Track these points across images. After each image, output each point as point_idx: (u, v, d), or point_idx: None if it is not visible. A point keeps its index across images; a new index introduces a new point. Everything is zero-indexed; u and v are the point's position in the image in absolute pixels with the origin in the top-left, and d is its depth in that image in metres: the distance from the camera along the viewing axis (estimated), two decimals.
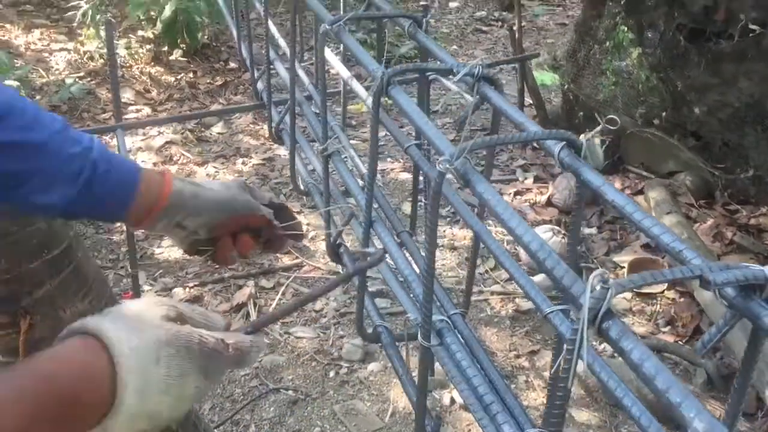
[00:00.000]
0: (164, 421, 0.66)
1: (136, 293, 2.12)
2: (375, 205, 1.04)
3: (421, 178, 1.21)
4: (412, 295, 0.98)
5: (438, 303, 1.01)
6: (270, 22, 1.46)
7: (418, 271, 1.04)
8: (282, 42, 1.57)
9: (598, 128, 0.77)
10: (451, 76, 0.90)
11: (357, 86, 1.01)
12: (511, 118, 0.86)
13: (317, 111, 1.43)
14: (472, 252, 1.07)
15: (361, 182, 1.28)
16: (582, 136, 0.83)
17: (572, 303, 0.60)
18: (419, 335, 0.78)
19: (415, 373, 0.90)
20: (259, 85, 1.83)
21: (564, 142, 0.76)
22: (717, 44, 2.85)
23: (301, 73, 1.44)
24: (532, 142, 0.76)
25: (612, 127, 0.76)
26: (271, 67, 1.62)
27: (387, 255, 1.02)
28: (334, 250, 1.22)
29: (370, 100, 0.93)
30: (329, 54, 1.11)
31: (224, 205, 0.95)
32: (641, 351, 0.51)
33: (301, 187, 1.45)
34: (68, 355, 0.64)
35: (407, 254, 1.05)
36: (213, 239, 0.98)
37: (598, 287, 0.54)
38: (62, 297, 1.52)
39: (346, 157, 1.28)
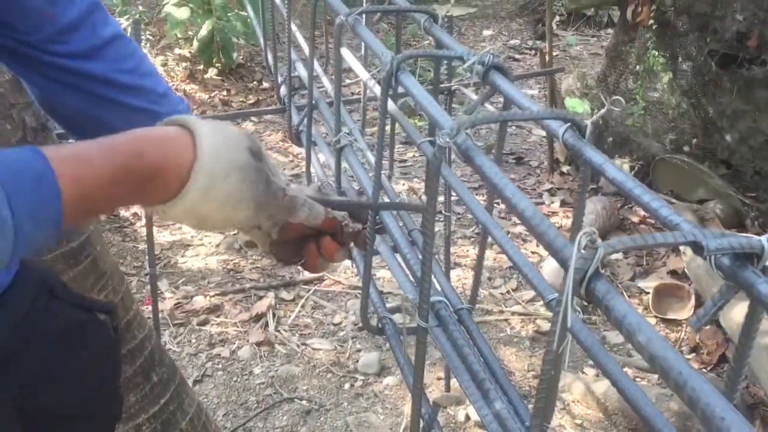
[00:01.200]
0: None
1: (154, 292, 2.13)
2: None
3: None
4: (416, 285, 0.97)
5: (445, 297, 1.00)
6: (292, 24, 1.49)
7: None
8: (303, 42, 1.59)
9: (603, 110, 0.76)
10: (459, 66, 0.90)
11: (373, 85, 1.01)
12: (520, 105, 0.86)
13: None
14: (480, 246, 1.05)
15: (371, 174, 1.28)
16: (588, 122, 0.82)
17: (564, 267, 0.59)
18: (416, 315, 0.77)
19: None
20: (282, 90, 1.85)
21: (569, 123, 0.75)
22: (749, 70, 2.82)
23: (319, 70, 1.45)
24: (538, 121, 0.75)
25: (616, 109, 0.75)
26: (294, 71, 1.64)
27: (394, 247, 1.02)
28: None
29: (378, 89, 0.93)
30: (347, 55, 1.12)
31: (295, 206, 0.87)
32: (625, 307, 0.50)
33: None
34: (162, 137, 0.68)
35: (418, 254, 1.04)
36: (300, 246, 0.92)
37: (584, 249, 0.53)
38: (79, 288, 1.54)
39: (360, 152, 1.28)
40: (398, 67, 0.91)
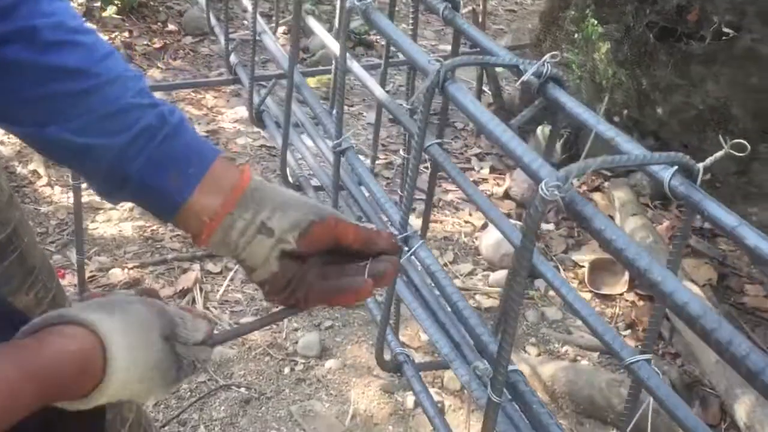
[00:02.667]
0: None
1: (82, 283, 1.91)
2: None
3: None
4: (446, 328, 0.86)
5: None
6: None
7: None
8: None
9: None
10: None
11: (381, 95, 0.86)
12: (594, 128, 0.74)
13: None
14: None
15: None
16: (539, 129, 0.74)
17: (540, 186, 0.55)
18: (489, 389, 0.65)
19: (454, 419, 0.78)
20: (233, 58, 1.64)
21: (676, 167, 0.64)
22: (687, 45, 2.82)
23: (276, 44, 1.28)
24: (641, 168, 0.63)
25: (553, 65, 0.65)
26: (255, 39, 1.45)
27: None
28: None
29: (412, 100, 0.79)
30: (357, 68, 0.96)
31: (311, 205, 0.72)
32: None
33: (290, 180, 1.28)
34: (64, 347, 0.61)
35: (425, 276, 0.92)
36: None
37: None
38: (5, 288, 1.32)
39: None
40: (446, 77, 0.77)
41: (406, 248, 0.87)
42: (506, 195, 3.21)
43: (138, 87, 0.73)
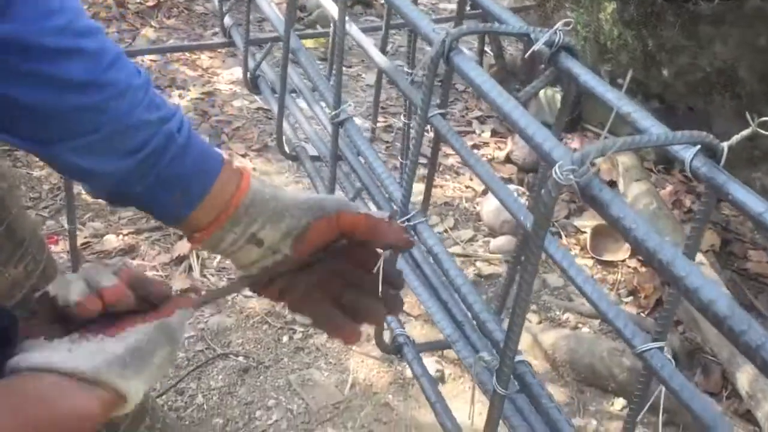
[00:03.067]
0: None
1: (74, 252, 1.87)
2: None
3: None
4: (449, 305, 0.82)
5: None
6: None
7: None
8: None
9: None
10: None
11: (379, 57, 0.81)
12: (610, 102, 0.69)
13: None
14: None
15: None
16: (541, 92, 0.70)
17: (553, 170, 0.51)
18: (494, 380, 0.62)
19: (454, 402, 0.75)
20: (227, 20, 1.58)
21: (698, 147, 0.60)
22: (696, 5, 2.74)
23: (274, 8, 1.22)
24: (663, 148, 0.59)
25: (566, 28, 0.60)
26: None
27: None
28: None
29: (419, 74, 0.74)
30: (355, 31, 0.90)
31: (310, 203, 0.69)
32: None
33: (287, 150, 1.23)
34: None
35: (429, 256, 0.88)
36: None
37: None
38: None
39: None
40: (452, 47, 0.72)
41: (408, 222, 0.83)
42: (507, 159, 3.15)
43: (147, 99, 0.67)
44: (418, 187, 2.24)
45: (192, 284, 2.31)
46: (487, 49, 3.78)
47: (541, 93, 3.40)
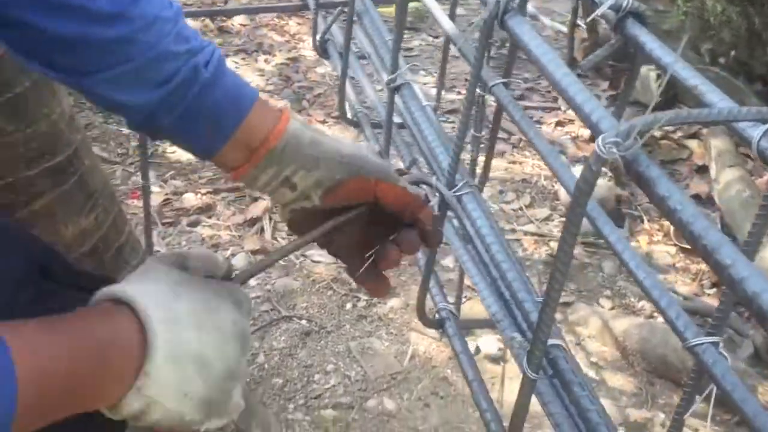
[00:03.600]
0: (220, 372, 0.62)
1: (147, 209, 1.92)
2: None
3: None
4: (496, 284, 0.78)
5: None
6: None
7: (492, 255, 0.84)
8: None
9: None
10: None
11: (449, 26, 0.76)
12: (675, 73, 0.63)
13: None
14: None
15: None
16: (644, 68, 0.63)
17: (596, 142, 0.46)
18: (525, 363, 0.58)
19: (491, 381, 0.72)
20: None
21: (767, 126, 0.54)
22: None
23: None
24: (725, 124, 0.53)
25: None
26: None
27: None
28: None
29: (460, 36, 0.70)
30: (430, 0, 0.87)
31: (350, 159, 0.68)
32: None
33: (349, 115, 1.21)
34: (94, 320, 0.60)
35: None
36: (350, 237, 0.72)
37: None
38: (64, 211, 1.33)
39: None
40: (506, 8, 0.67)
41: (455, 194, 0.80)
42: (592, 138, 3.03)
43: (175, 30, 0.68)
44: (494, 163, 2.16)
45: (263, 246, 2.35)
46: (580, 21, 3.64)
47: (644, 69, 3.25)
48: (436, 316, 0.85)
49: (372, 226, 0.72)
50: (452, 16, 1.13)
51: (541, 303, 0.58)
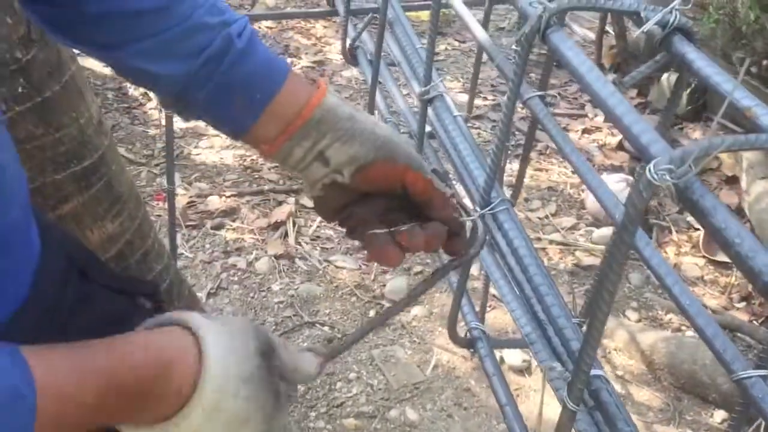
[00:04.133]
0: None
1: (172, 211, 1.92)
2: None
3: None
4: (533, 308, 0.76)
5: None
6: None
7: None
8: None
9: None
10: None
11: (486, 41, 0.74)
12: (727, 94, 0.61)
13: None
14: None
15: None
16: (664, 76, 0.59)
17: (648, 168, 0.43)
18: (565, 394, 0.56)
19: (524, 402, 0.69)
20: None
21: None
22: None
23: None
24: None
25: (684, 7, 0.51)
26: None
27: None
28: None
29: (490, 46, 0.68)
30: (457, 3, 0.85)
31: (384, 141, 0.66)
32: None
33: None
34: (161, 346, 0.57)
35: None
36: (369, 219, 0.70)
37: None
38: (90, 215, 1.32)
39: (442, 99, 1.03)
40: (549, 23, 0.65)
41: (490, 211, 0.77)
42: (620, 146, 3.00)
43: (209, 2, 0.67)
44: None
45: (286, 250, 2.34)
46: (608, 28, 3.59)
47: (664, 78, 3.20)
48: (467, 335, 0.83)
49: (397, 213, 0.69)
50: (485, 25, 1.11)
51: (582, 332, 0.55)
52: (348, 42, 1.35)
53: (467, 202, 0.79)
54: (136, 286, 0.85)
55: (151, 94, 3.11)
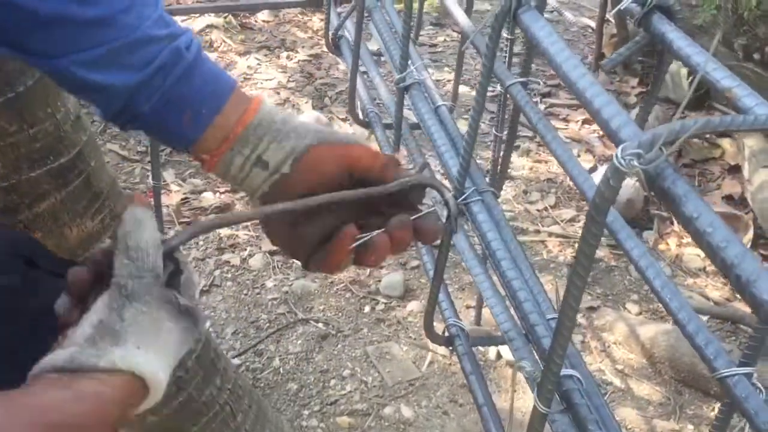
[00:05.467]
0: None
1: (158, 210, 1.89)
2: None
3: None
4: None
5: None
6: None
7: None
8: None
9: None
10: None
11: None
12: (707, 74, 0.57)
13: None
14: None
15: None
16: (675, 64, 0.56)
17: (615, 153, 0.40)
18: (535, 395, 0.53)
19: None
20: None
21: None
22: None
23: None
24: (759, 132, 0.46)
25: None
26: None
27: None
28: None
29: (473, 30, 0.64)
30: None
31: (318, 130, 0.67)
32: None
33: (360, 116, 1.16)
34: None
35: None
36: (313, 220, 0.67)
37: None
38: (69, 213, 1.29)
39: (421, 86, 0.99)
40: (520, 2, 0.62)
41: (463, 202, 0.74)
42: None
43: (155, 15, 0.66)
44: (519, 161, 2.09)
45: None
46: (609, 16, 3.54)
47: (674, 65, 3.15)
48: (446, 332, 0.80)
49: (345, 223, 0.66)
50: (468, 11, 1.07)
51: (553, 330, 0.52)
52: (331, 31, 1.32)
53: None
54: None
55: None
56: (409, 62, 1.04)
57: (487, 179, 1.36)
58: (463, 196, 0.71)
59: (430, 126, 0.84)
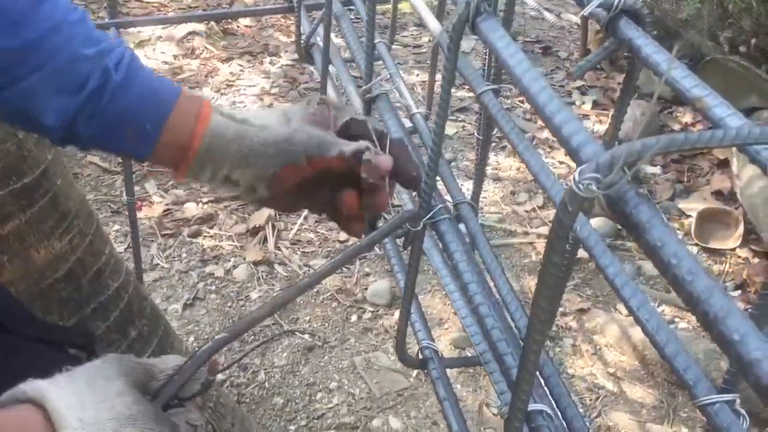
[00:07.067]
0: None
1: (134, 226, 1.85)
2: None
3: None
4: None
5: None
6: None
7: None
8: None
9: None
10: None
11: (431, 19, 0.68)
12: (675, 83, 0.54)
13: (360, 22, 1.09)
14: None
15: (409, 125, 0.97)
16: None
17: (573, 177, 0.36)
18: (506, 416, 0.49)
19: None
20: None
21: None
22: None
23: None
24: (742, 148, 0.43)
25: None
26: None
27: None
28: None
29: (444, 37, 0.61)
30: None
31: (277, 149, 0.65)
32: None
33: None
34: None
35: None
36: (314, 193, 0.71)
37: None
38: (35, 234, 1.25)
39: (392, 92, 0.96)
40: (478, 10, 0.58)
41: (429, 221, 0.70)
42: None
43: (84, 32, 0.64)
44: (507, 162, 2.05)
45: (265, 256, 2.27)
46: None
47: None
48: (419, 355, 0.76)
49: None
50: (440, 16, 1.03)
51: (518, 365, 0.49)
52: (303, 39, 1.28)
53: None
54: (67, 336, 0.80)
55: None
56: (383, 69, 1.00)
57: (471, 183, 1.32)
58: (430, 214, 0.68)
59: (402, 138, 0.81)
